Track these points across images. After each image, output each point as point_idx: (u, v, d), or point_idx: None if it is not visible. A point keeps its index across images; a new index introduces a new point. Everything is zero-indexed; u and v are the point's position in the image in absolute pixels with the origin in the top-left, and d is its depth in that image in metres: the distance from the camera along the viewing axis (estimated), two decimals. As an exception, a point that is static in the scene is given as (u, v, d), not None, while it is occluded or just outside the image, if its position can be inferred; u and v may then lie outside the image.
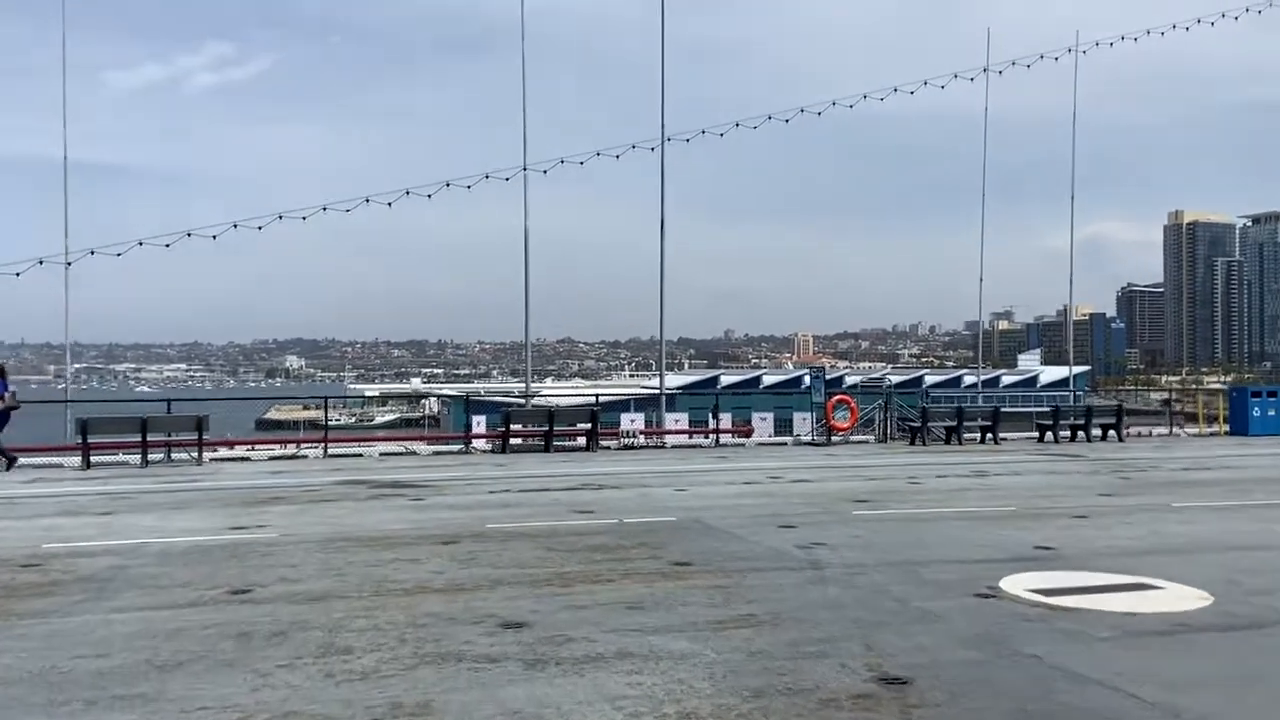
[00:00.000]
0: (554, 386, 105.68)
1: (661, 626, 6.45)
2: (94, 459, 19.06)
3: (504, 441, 22.62)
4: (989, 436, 25.39)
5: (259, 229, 21.78)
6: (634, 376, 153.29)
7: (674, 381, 61.82)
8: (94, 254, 20.33)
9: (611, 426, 24.79)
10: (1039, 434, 26.47)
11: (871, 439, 26.28)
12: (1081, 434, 26.23)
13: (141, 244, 20.90)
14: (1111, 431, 26.53)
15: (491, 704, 4.95)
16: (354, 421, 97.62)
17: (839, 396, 26.35)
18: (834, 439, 25.12)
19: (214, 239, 21.35)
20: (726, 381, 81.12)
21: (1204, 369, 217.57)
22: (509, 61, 26.68)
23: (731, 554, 9.08)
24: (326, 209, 22.66)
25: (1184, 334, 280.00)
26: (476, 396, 52.33)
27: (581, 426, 23.46)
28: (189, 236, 21.12)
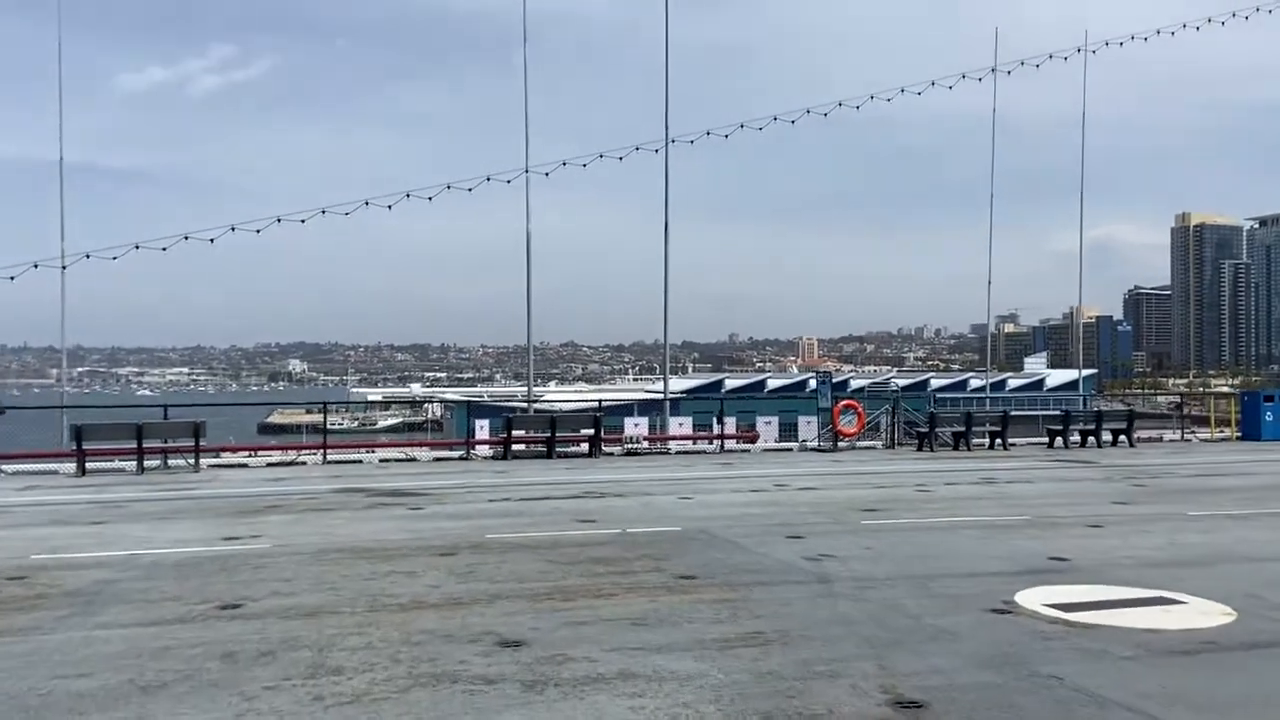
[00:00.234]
0: (557, 390, 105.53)
1: (666, 645, 6.20)
2: (90, 465, 18.83)
3: (506, 448, 22.38)
4: (998, 442, 25.11)
5: (257, 232, 21.61)
6: (638, 380, 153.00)
7: (678, 385, 61.58)
8: (89, 257, 20.14)
9: (615, 431, 24.54)
10: (1049, 439, 26.20)
11: (879, 444, 26.04)
12: (1092, 439, 25.95)
13: (138, 247, 20.71)
14: (1122, 437, 26.25)
15: (486, 731, 4.71)
16: (357, 426, 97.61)
17: (846, 401, 26.08)
18: (840, 444, 24.86)
19: (211, 242, 21.18)
20: (731, 385, 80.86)
21: (1211, 372, 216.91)
22: (513, 65, 26.51)
23: (738, 566, 8.83)
24: (325, 212, 22.48)
25: (1191, 337, 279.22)
26: (479, 401, 52.11)
27: (584, 432, 23.21)
28: (186, 240, 20.94)
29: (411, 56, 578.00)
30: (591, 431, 23.03)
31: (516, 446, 22.57)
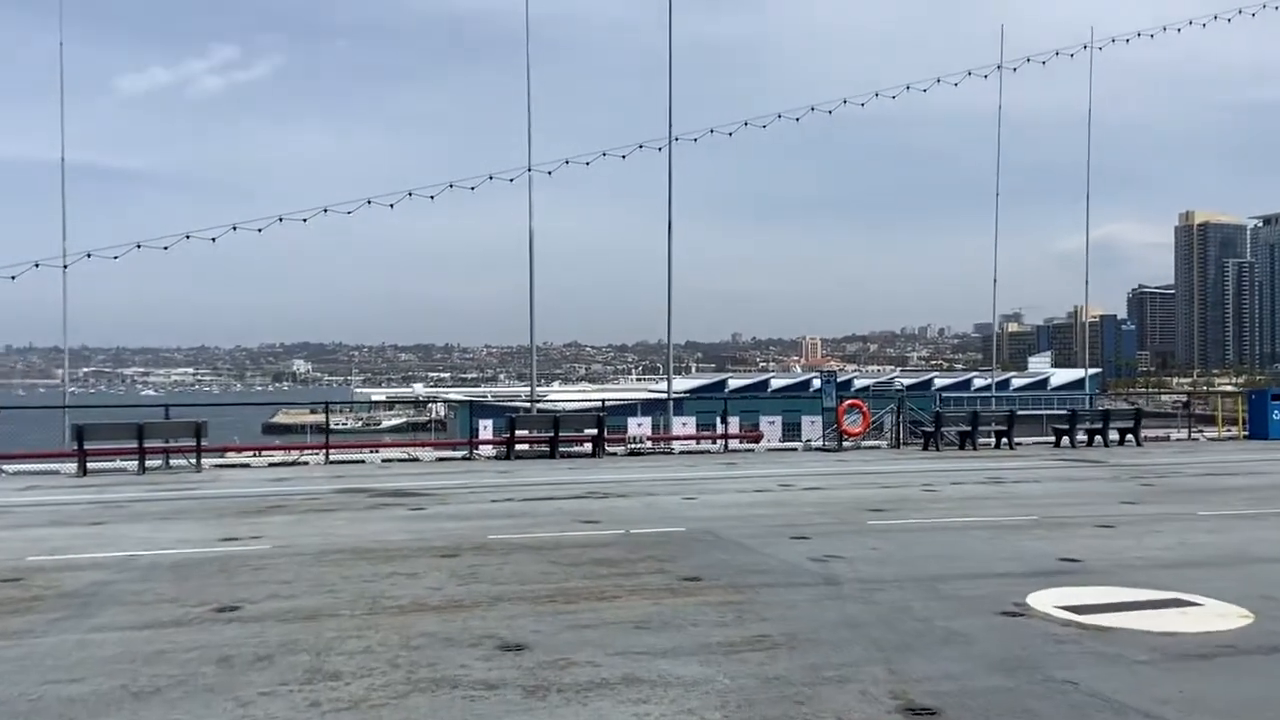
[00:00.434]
0: (561, 390, 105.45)
1: (670, 648, 6.06)
2: (91, 465, 18.72)
3: (509, 448, 22.26)
4: (1004, 441, 24.96)
5: (259, 231, 21.47)
6: (641, 380, 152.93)
7: (681, 385, 61.45)
8: (90, 256, 20.02)
9: (618, 431, 24.40)
10: (1055, 438, 26.04)
11: (883, 444, 25.89)
12: (1099, 438, 25.79)
13: (140, 246, 20.59)
14: (1129, 436, 26.08)
15: (486, 739, 4.58)
16: (361, 426, 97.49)
17: (850, 401, 25.94)
18: (845, 444, 24.72)
19: (213, 241, 21.06)
20: (734, 385, 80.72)
21: (1215, 371, 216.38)
22: (516, 65, 26.33)
23: (743, 567, 8.70)
24: (327, 211, 22.34)
25: (1195, 336, 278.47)
26: (482, 401, 52.00)
27: (588, 432, 23.09)
28: (188, 239, 20.82)
29: (414, 57, 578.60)
30: (595, 431, 22.90)
31: (520, 446, 22.45)
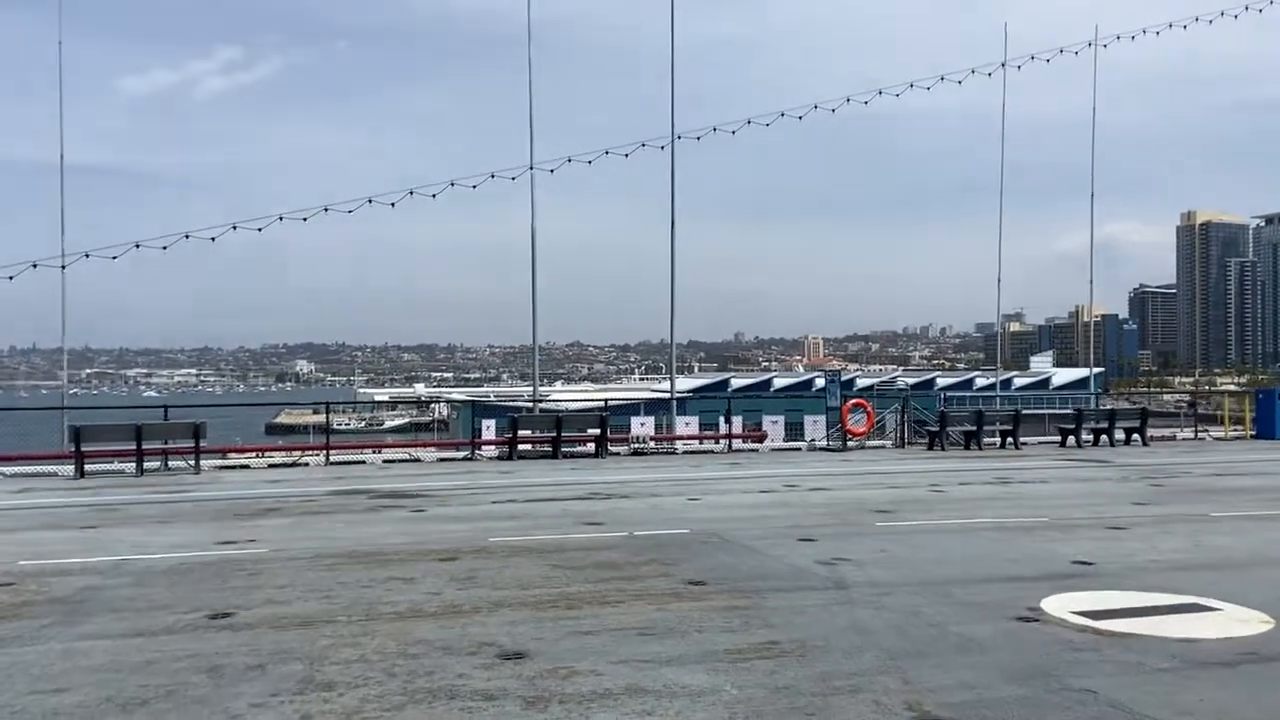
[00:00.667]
0: (563, 390, 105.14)
1: (675, 656, 5.88)
2: (89, 467, 18.52)
3: (511, 448, 22.07)
4: (1009, 441, 24.75)
5: (259, 230, 21.26)
6: (644, 380, 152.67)
7: (684, 384, 61.13)
8: (89, 256, 19.81)
9: (621, 430, 24.20)
10: (1060, 438, 25.82)
11: (888, 444, 25.68)
12: (1105, 438, 25.57)
13: (138, 246, 20.38)
14: (1135, 435, 25.86)
15: (485, 754, 4.40)
16: (364, 426, 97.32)
17: (855, 400, 25.74)
18: (850, 444, 24.52)
19: (212, 240, 20.84)
20: (737, 384, 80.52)
21: (1217, 370, 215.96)
22: (518, 65, 26.13)
23: (749, 571, 8.50)
24: (328, 209, 22.12)
25: (1197, 335, 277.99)
26: (485, 401, 51.82)
27: (590, 432, 22.89)
28: (187, 238, 20.61)
29: (415, 57, 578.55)
30: (597, 431, 22.70)
31: (522, 447, 22.26)
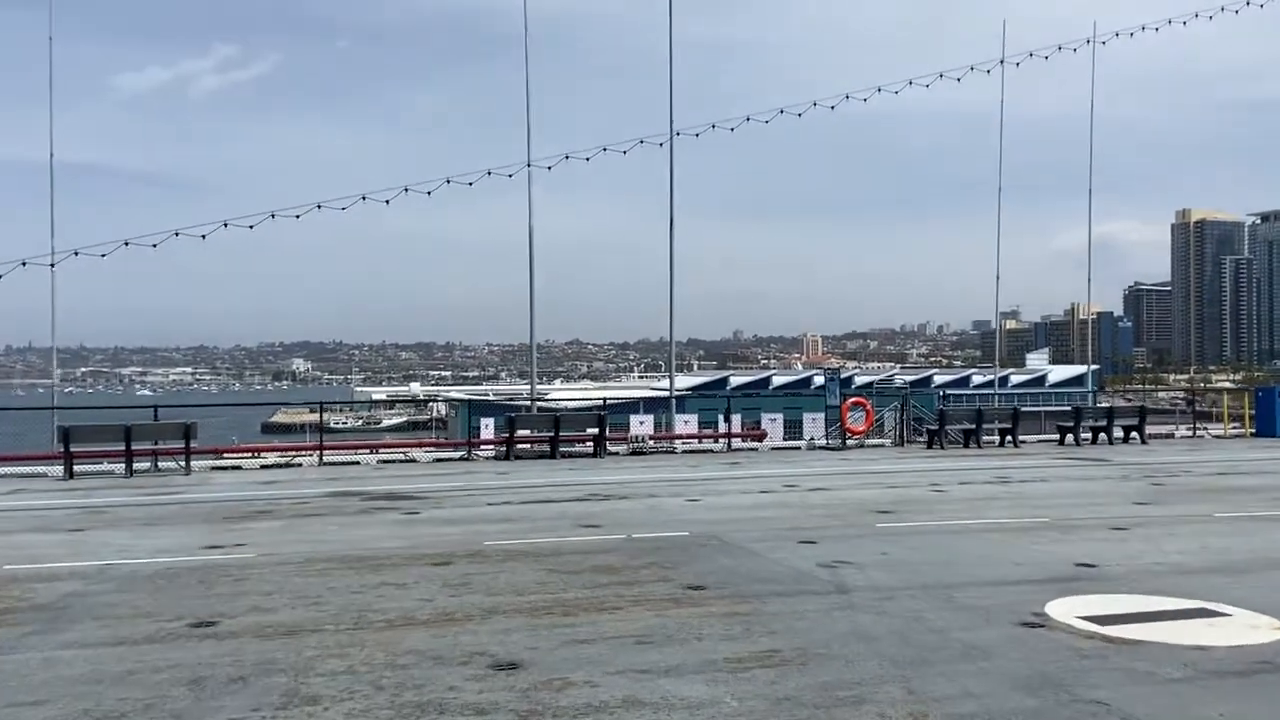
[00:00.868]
0: (562, 389, 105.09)
1: (674, 666, 5.70)
2: (79, 468, 18.32)
3: (508, 448, 21.88)
4: (1008, 439, 24.60)
5: (250, 228, 21.04)
6: (643, 378, 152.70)
7: (683, 382, 61.06)
8: (78, 255, 19.58)
9: (620, 429, 24.01)
10: (1059, 436, 25.67)
11: (887, 442, 25.52)
12: (1103, 436, 25.42)
13: (127, 244, 20.16)
14: (1134, 433, 25.71)
15: (475, 773, 4.21)
16: (362, 425, 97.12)
17: (854, 399, 25.58)
18: (849, 442, 24.36)
19: (203, 238, 20.62)
20: (736, 382, 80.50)
21: (1212, 368, 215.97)
22: (515, 64, 25.89)
23: (749, 575, 8.33)
24: (321, 206, 21.90)
25: (1192, 333, 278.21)
26: (483, 400, 51.60)
27: (589, 431, 22.70)
28: (176, 236, 20.40)
29: (412, 55, 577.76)
30: (596, 431, 22.52)
31: (520, 446, 22.06)
